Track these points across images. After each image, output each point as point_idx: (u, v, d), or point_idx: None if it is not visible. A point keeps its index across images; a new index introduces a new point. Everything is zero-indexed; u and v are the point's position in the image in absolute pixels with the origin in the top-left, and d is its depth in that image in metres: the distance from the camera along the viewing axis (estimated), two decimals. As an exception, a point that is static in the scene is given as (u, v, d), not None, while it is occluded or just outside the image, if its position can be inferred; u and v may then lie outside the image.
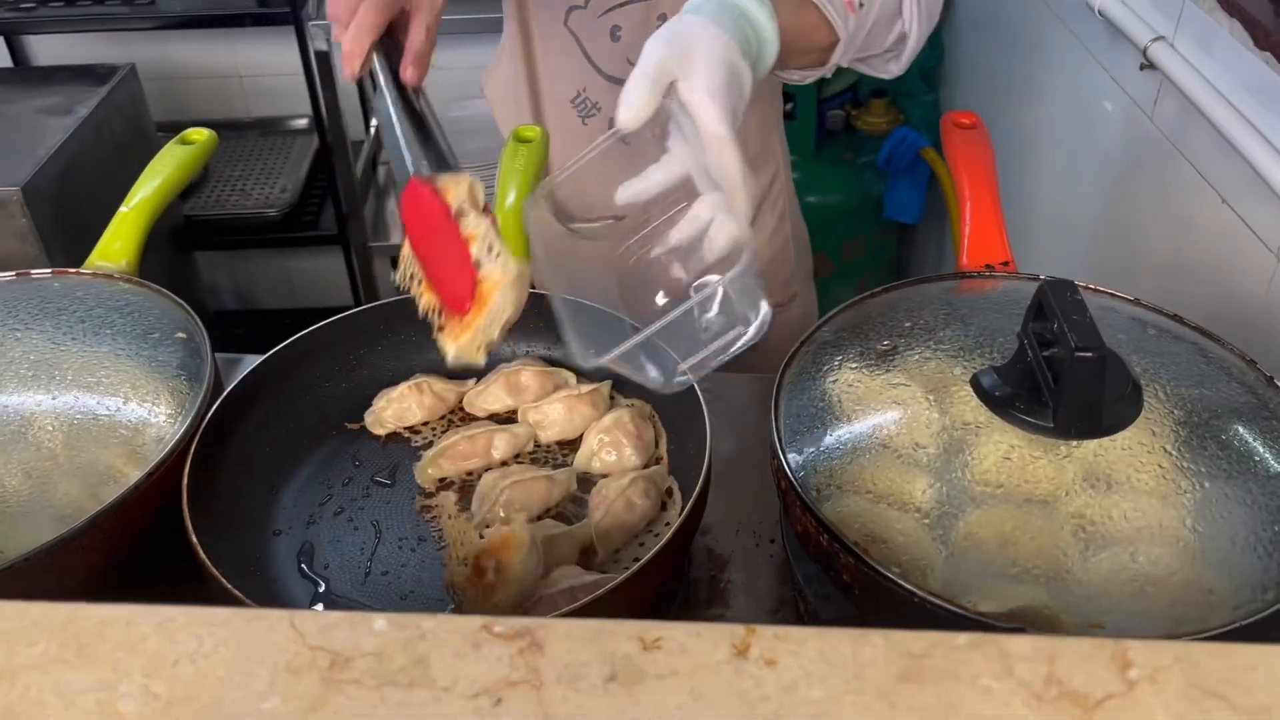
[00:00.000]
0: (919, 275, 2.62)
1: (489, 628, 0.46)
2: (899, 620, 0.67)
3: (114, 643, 0.46)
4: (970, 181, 0.96)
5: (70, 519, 0.76)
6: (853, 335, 0.82)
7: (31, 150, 1.69)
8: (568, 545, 0.80)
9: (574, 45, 1.16)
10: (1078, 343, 0.66)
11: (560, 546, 0.80)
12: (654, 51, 0.70)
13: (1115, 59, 1.50)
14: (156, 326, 0.90)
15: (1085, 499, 0.68)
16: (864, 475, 0.73)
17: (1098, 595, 0.64)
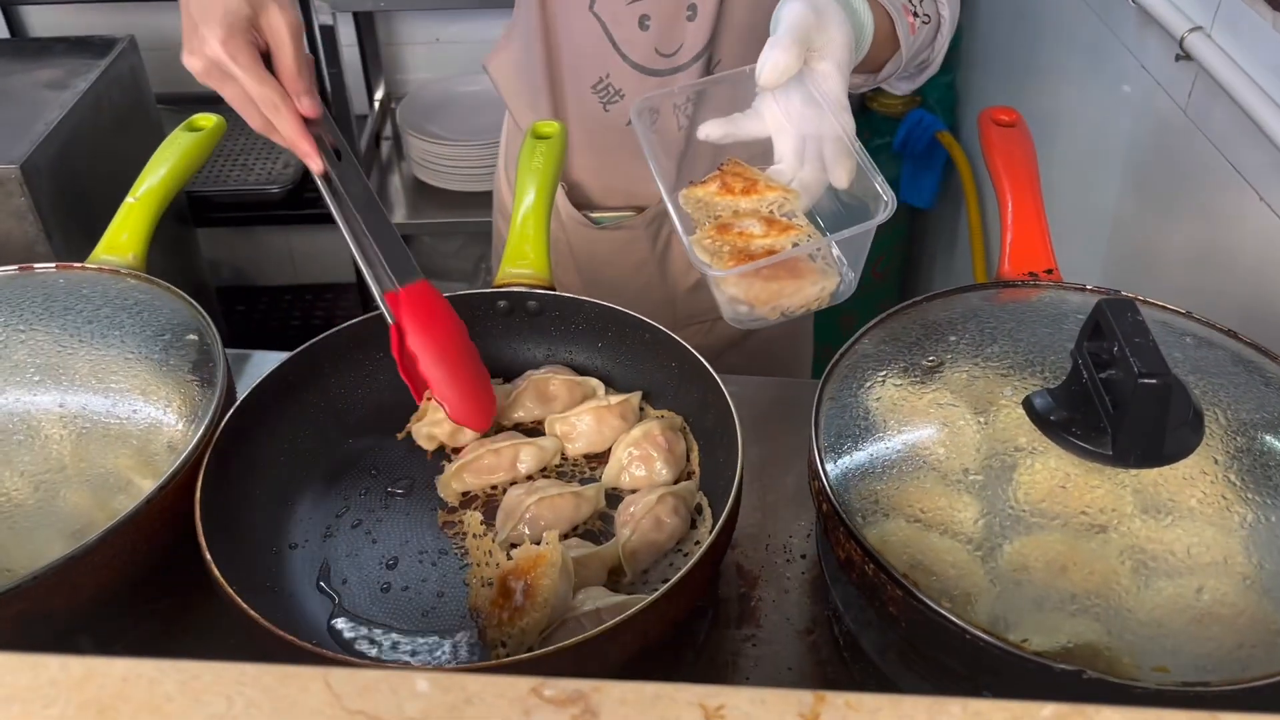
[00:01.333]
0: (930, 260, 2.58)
1: (539, 691, 0.43)
2: (947, 654, 0.65)
3: (136, 703, 0.43)
4: (1011, 184, 0.92)
5: (80, 531, 0.73)
6: (895, 347, 0.79)
7: (29, 126, 1.64)
8: (595, 565, 0.77)
9: (599, 31, 1.12)
10: (1142, 369, 0.63)
11: (587, 567, 0.76)
12: (799, 19, 0.76)
13: (1147, 47, 1.46)
14: (167, 327, 0.87)
15: (1143, 530, 0.66)
16: (909, 498, 0.70)
17: (1159, 634, 0.62)
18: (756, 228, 0.77)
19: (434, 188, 2.31)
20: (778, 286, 0.76)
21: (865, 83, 0.96)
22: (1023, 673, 0.60)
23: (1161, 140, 1.43)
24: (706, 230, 0.78)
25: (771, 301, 0.77)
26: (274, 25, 0.81)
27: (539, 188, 0.98)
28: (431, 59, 2.53)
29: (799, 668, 0.78)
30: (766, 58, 0.74)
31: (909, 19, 0.92)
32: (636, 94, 1.15)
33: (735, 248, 0.76)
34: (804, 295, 0.77)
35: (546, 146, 1.01)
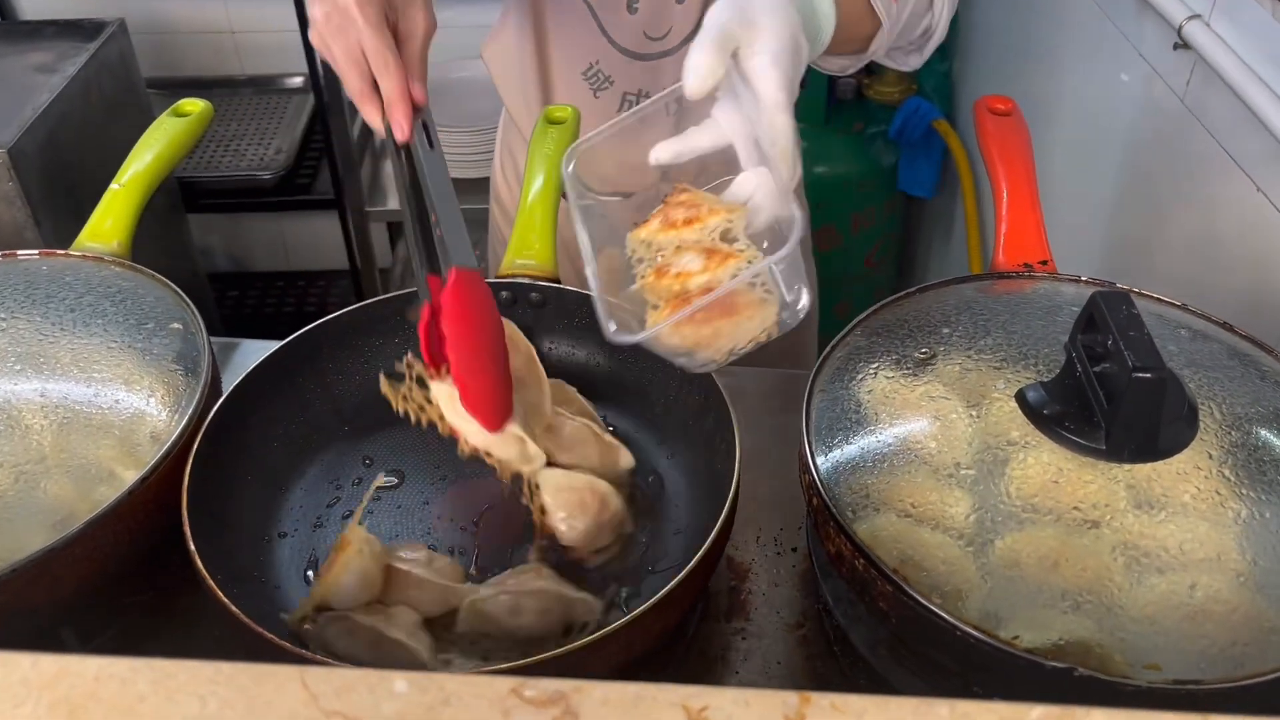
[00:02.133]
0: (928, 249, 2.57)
1: (519, 692, 0.42)
2: (937, 650, 0.64)
3: (108, 703, 0.42)
4: (1007, 173, 0.91)
5: (61, 523, 0.73)
6: (887, 340, 0.78)
7: (18, 110, 1.63)
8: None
9: (589, 16, 1.11)
10: (1136, 362, 0.62)
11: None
12: (719, 17, 0.69)
13: (1145, 35, 1.45)
14: (151, 315, 0.85)
15: (1137, 525, 0.65)
16: (900, 492, 0.69)
17: (1151, 631, 0.61)
18: (695, 263, 0.70)
19: (426, 174, 2.29)
20: (713, 329, 0.69)
21: (855, 63, 0.91)
22: (1014, 670, 0.59)
23: (1158, 129, 1.42)
24: (644, 281, 0.72)
25: (713, 345, 0.70)
26: (412, 15, 0.78)
27: (548, 173, 0.97)
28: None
29: (788, 662, 0.78)
30: (687, 62, 0.68)
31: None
32: (625, 80, 1.14)
33: (672, 293, 0.70)
34: (746, 330, 0.70)
35: (558, 132, 1.00)
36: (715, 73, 0.67)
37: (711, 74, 0.67)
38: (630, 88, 1.15)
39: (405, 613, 0.74)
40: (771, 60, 0.67)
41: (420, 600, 0.74)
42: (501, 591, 0.73)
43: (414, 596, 0.74)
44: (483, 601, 0.73)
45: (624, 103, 1.16)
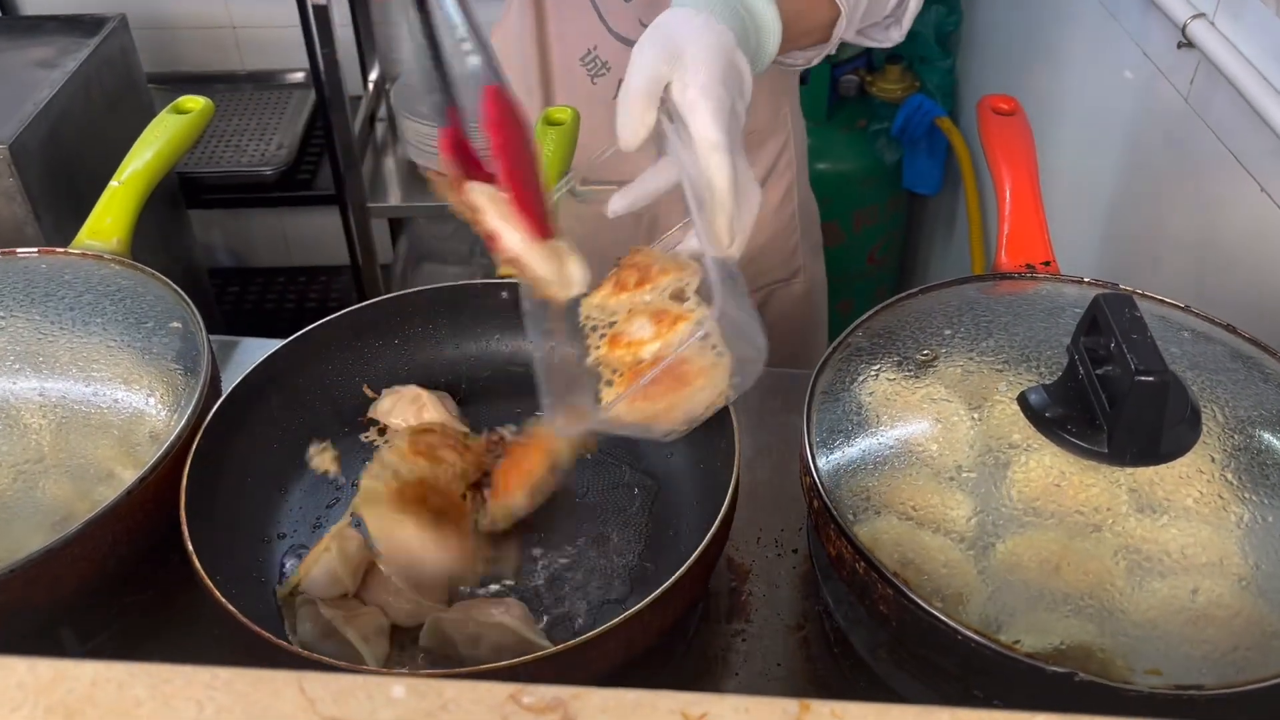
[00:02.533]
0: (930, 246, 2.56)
1: (517, 698, 0.42)
2: (938, 654, 0.64)
3: (104, 708, 0.42)
4: (1010, 173, 0.91)
5: (60, 523, 0.72)
6: (889, 341, 0.78)
7: (19, 106, 1.62)
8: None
9: (587, 2, 1.11)
10: (1139, 365, 0.62)
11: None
12: (643, 59, 0.65)
13: (1149, 34, 1.44)
14: (150, 314, 0.85)
15: (1139, 529, 0.65)
16: (901, 495, 0.69)
17: (1152, 635, 0.61)
18: (647, 329, 0.68)
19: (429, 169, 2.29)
20: (667, 403, 0.67)
21: (819, 53, 0.88)
22: (1015, 674, 0.59)
23: (1162, 128, 1.42)
24: (598, 353, 0.70)
25: (669, 417, 0.68)
26: None
27: (548, 174, 0.96)
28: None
29: (789, 664, 0.78)
30: (617, 118, 0.64)
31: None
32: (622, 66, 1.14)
33: (625, 364, 0.68)
34: (701, 399, 0.69)
35: (558, 133, 1.00)
36: (646, 123, 0.64)
37: (643, 125, 0.64)
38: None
39: (374, 615, 0.74)
40: (700, 93, 0.63)
41: (392, 607, 0.74)
42: (467, 618, 0.72)
43: (389, 602, 0.74)
44: (446, 622, 0.72)
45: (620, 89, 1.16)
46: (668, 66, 0.64)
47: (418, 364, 0.94)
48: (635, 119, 0.63)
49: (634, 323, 0.69)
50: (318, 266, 2.74)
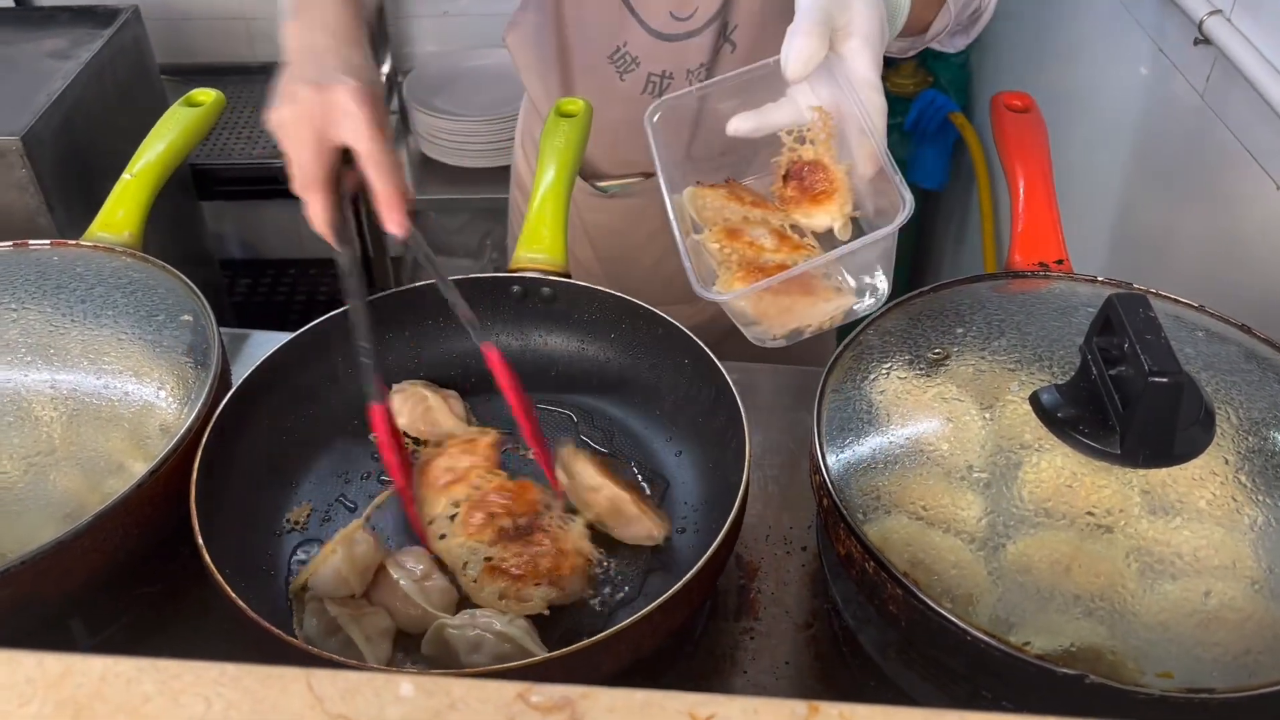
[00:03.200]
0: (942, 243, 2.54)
1: (525, 697, 0.42)
2: (947, 655, 0.64)
3: (113, 703, 0.42)
4: (1023, 171, 0.90)
5: (71, 515, 0.72)
6: (901, 340, 0.77)
7: (32, 97, 1.63)
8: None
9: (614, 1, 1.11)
10: (1152, 366, 0.61)
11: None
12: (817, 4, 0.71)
13: (1165, 30, 1.43)
14: (161, 307, 0.85)
15: (1151, 531, 0.64)
16: (911, 494, 0.69)
17: (1164, 638, 0.60)
18: (768, 240, 0.73)
19: (440, 163, 2.29)
20: (789, 302, 0.72)
21: (912, 45, 0.93)
22: (1024, 676, 0.59)
23: (1177, 126, 1.41)
24: (714, 232, 0.75)
25: (783, 319, 0.72)
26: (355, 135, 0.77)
27: (559, 167, 0.96)
28: (440, 32, 2.50)
29: (797, 662, 0.77)
30: (789, 46, 0.70)
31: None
32: (651, 61, 1.14)
33: (744, 258, 0.72)
34: (818, 312, 0.73)
35: (569, 125, 0.99)
36: (816, 57, 0.70)
37: (813, 59, 0.70)
38: (655, 69, 1.14)
39: (380, 618, 0.74)
40: (864, 42, 0.71)
41: (400, 612, 0.74)
42: (471, 625, 0.72)
43: (397, 607, 0.74)
44: (448, 629, 0.72)
45: (648, 84, 1.15)
46: (840, 15, 0.72)
47: (428, 357, 0.94)
48: (809, 52, 0.70)
49: (754, 228, 0.74)
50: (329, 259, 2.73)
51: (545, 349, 0.96)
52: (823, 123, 0.75)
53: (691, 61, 1.13)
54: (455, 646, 0.70)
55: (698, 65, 1.13)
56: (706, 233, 0.76)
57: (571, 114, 1.01)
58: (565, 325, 0.95)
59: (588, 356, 0.95)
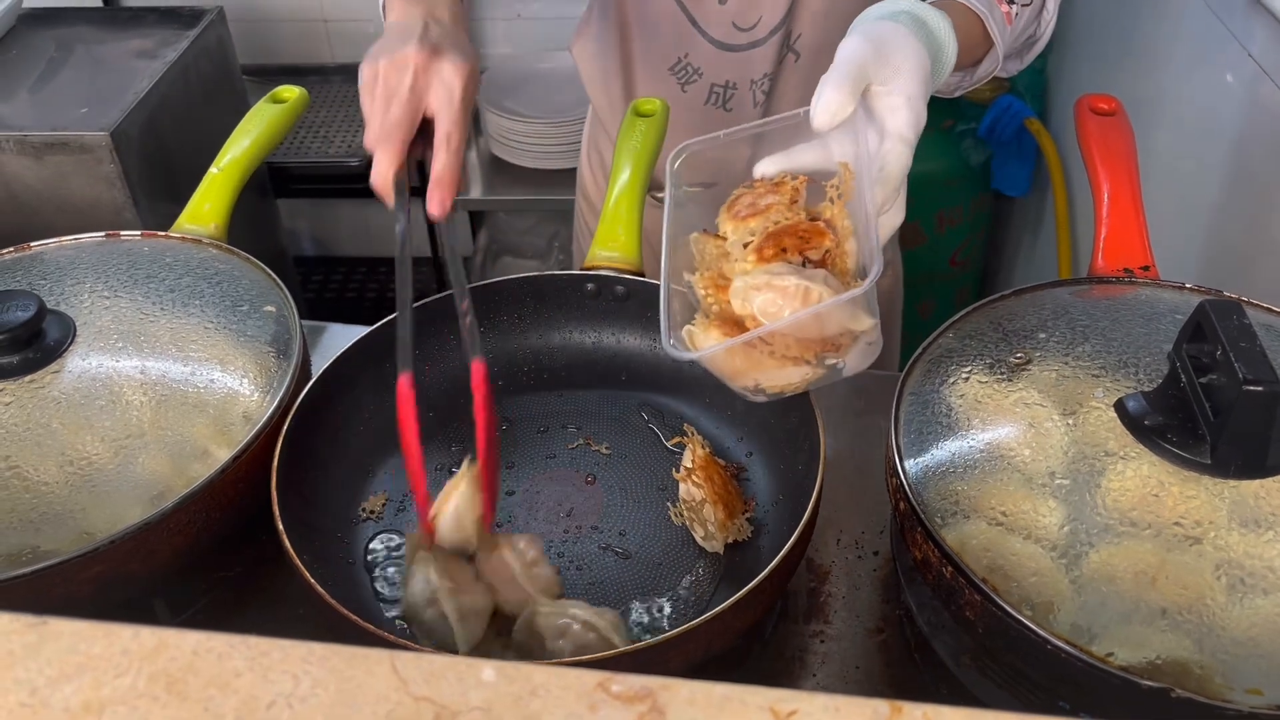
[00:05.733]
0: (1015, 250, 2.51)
1: (606, 686, 0.42)
2: (1025, 663, 0.63)
3: (206, 678, 0.43)
4: (1109, 175, 0.88)
5: (157, 497, 0.74)
6: (980, 343, 0.76)
7: (120, 95, 1.68)
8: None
9: (677, 10, 1.10)
10: (1247, 374, 0.60)
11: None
12: (855, 53, 0.70)
13: (1254, 34, 1.39)
14: (245, 297, 0.87)
15: (1241, 544, 0.62)
16: (989, 500, 0.68)
17: (1253, 654, 0.59)
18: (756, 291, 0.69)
19: (510, 164, 2.31)
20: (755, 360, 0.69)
21: (962, 81, 0.92)
22: (1106, 688, 0.58)
23: (1268, 132, 1.37)
24: (704, 278, 0.72)
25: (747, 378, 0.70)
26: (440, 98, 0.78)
27: (635, 167, 0.96)
28: (512, 34, 2.53)
29: (867, 667, 0.77)
30: (818, 96, 0.68)
31: (1004, 9, 0.86)
32: (714, 71, 1.14)
33: (724, 313, 0.70)
34: (783, 377, 0.70)
35: (647, 125, 1.00)
36: (845, 109, 0.68)
37: (842, 110, 0.68)
38: (718, 79, 1.14)
39: (482, 596, 0.73)
40: (906, 101, 0.70)
41: (503, 594, 0.74)
42: (562, 611, 0.71)
43: (501, 587, 0.74)
44: (540, 615, 0.72)
45: (711, 95, 1.15)
46: (876, 68, 0.70)
47: (503, 351, 0.95)
48: (838, 105, 0.68)
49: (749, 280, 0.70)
50: (398, 257, 2.78)
51: (618, 346, 0.96)
52: (845, 180, 0.71)
53: (755, 72, 1.12)
54: (543, 632, 0.71)
55: (761, 76, 1.12)
56: (697, 276, 0.73)
57: (649, 114, 1.02)
58: (638, 324, 0.95)
59: (660, 355, 0.95)
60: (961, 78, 0.90)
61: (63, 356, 0.81)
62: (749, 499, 0.83)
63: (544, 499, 0.85)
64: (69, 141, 1.59)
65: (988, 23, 0.84)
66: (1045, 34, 0.96)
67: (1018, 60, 0.98)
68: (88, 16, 1.95)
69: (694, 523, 0.80)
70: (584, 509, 0.84)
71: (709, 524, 0.78)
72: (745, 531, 0.80)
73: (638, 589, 0.78)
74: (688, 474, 0.79)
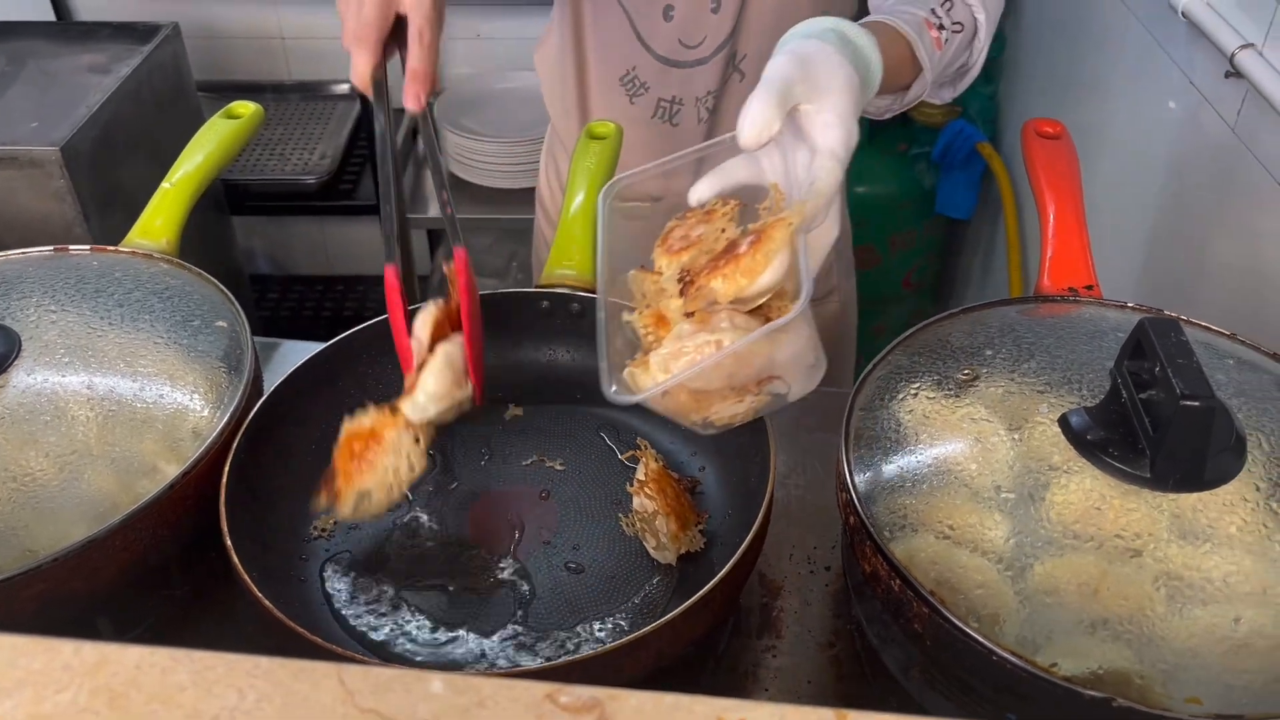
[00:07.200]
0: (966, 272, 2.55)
1: (554, 697, 0.42)
2: (972, 674, 0.63)
3: (148, 692, 0.42)
4: (1054, 197, 0.90)
5: (103, 514, 0.73)
6: (929, 360, 0.77)
7: (71, 109, 1.66)
8: None
9: (625, 22, 1.12)
10: (1184, 390, 0.61)
11: None
12: (782, 71, 0.69)
13: (1196, 63, 1.43)
14: (196, 313, 0.87)
15: (1180, 556, 0.64)
16: (937, 513, 0.69)
17: (1193, 664, 0.60)
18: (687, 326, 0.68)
19: (469, 183, 2.31)
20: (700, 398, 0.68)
21: (892, 104, 0.92)
22: (1050, 698, 0.59)
23: (1207, 158, 1.41)
24: (645, 315, 0.71)
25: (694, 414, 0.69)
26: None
27: (590, 188, 0.97)
28: (471, 54, 2.53)
29: (819, 681, 0.77)
30: (744, 114, 0.68)
31: (933, 34, 0.87)
32: (660, 86, 1.15)
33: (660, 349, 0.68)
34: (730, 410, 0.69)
35: (601, 147, 1.01)
36: (772, 127, 0.68)
37: (769, 128, 0.68)
38: (665, 94, 1.16)
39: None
40: (838, 119, 0.69)
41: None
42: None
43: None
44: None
45: (658, 109, 1.16)
46: (804, 88, 0.69)
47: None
48: (764, 122, 0.68)
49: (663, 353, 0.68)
50: (355, 276, 2.77)
51: (572, 364, 0.96)
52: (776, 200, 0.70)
53: (700, 89, 1.13)
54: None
55: (706, 93, 1.14)
56: (637, 315, 0.73)
57: (602, 136, 1.02)
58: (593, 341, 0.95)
59: (614, 372, 0.95)
60: (891, 101, 0.91)
61: (7, 372, 0.79)
62: (702, 512, 0.83)
63: (497, 514, 0.85)
64: (18, 156, 1.56)
65: (916, 47, 0.84)
66: (977, 63, 0.97)
67: (951, 88, 0.99)
68: (40, 30, 1.93)
69: (646, 534, 0.80)
70: (538, 524, 0.84)
71: (661, 535, 0.79)
72: (698, 543, 0.80)
73: (592, 603, 0.78)
74: (641, 486, 0.79)
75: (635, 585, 0.79)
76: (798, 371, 0.70)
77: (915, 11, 0.87)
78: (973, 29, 0.93)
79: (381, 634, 0.76)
